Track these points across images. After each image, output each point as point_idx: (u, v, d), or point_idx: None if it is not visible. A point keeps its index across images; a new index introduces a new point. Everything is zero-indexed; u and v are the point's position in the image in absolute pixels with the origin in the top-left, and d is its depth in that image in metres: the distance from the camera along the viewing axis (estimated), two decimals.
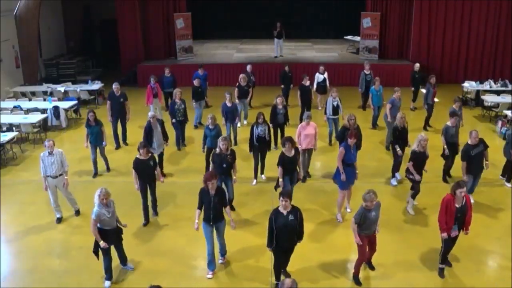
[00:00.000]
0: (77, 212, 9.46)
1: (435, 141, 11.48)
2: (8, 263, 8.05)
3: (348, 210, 9.32)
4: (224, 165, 8.74)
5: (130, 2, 19.98)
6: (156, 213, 9.36)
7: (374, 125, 14.13)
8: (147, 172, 8.78)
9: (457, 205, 7.10)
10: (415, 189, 9.19)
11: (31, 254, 8.20)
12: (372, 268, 7.62)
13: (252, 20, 24.92)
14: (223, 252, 7.80)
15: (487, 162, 9.40)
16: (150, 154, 8.88)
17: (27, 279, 7.58)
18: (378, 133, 13.64)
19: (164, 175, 10.44)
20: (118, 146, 12.91)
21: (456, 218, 7.14)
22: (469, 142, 9.21)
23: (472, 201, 8.19)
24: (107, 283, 7.33)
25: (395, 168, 10.62)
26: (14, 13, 17.43)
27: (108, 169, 11.45)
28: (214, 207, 7.15)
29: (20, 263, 8.01)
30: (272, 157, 10.32)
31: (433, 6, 19.35)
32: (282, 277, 7.11)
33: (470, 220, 7.29)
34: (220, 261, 7.80)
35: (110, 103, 12.76)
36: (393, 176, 10.66)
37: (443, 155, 10.47)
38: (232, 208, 9.23)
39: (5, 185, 10.80)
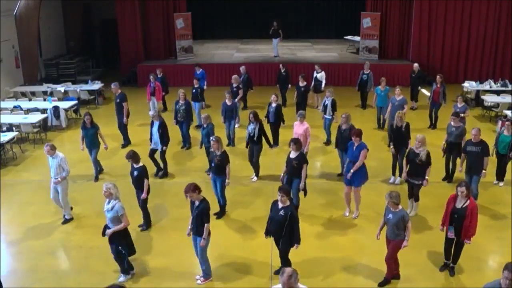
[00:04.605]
0: (66, 221, 9.09)
1: (438, 141, 11.38)
2: (8, 263, 8.04)
3: (354, 215, 9.17)
4: (212, 164, 8.99)
5: (130, 2, 20.01)
6: (144, 226, 8.82)
7: (379, 125, 14.14)
8: (132, 181, 8.61)
9: (457, 206, 7.00)
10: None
11: (31, 254, 8.19)
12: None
13: (252, 20, 24.93)
14: (202, 271, 7.32)
15: (484, 171, 9.11)
16: (140, 164, 8.48)
17: (27, 279, 7.57)
18: (380, 133, 13.59)
19: (166, 173, 10.82)
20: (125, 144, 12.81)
21: (453, 219, 7.03)
22: (471, 138, 9.20)
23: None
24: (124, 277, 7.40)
25: (392, 167, 10.67)
26: (14, 13, 17.43)
27: (96, 178, 10.87)
28: (194, 219, 6.97)
29: (20, 263, 8.00)
30: (269, 157, 10.14)
31: (433, 6, 19.36)
32: None
33: (471, 229, 6.95)
34: (198, 281, 7.33)
35: None
36: (393, 174, 10.72)
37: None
38: (223, 213, 9.28)
39: (5, 185, 10.78)
